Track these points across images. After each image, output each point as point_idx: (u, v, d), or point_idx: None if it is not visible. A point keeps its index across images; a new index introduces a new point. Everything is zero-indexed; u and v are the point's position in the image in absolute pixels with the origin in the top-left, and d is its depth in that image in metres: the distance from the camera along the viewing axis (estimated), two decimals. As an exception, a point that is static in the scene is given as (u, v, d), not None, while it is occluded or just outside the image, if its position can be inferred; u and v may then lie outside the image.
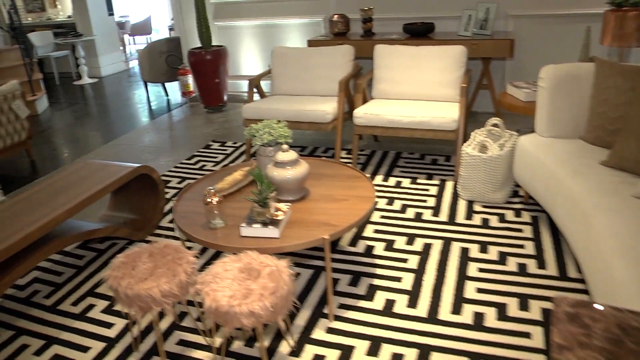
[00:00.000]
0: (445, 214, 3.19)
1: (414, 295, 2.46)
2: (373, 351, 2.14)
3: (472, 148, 3.27)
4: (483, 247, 2.81)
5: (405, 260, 2.75)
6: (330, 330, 2.28)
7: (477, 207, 3.23)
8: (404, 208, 3.29)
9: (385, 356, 2.10)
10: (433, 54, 3.95)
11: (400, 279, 2.59)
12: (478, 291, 2.45)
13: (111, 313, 2.55)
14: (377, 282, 2.58)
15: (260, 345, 1.93)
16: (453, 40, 4.46)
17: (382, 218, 3.20)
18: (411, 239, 2.94)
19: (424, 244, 2.88)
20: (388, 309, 2.38)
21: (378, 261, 2.76)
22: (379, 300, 2.45)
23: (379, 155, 4.20)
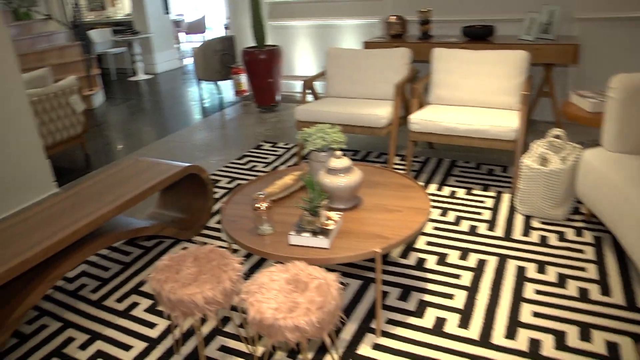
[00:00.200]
0: (501, 229, 3.03)
1: (466, 314, 2.33)
2: (422, 373, 2.03)
3: (532, 160, 3.10)
4: (541, 267, 2.64)
5: (458, 276, 2.61)
6: (376, 346, 2.18)
7: (535, 223, 3.06)
8: (458, 220, 3.15)
9: (434, 379, 1.99)
10: (493, 59, 3.79)
11: (452, 296, 2.46)
12: (534, 315, 2.29)
13: (154, 313, 2.53)
14: (428, 298, 2.46)
15: (303, 359, 1.85)
16: (514, 44, 4.27)
17: (435, 230, 3.07)
18: (465, 254, 2.80)
19: (478, 260, 2.73)
20: (438, 328, 2.26)
21: (429, 275, 2.63)
22: (429, 317, 2.33)
23: (434, 162, 4.06)
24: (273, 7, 6.09)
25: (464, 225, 3.10)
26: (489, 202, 3.35)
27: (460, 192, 3.51)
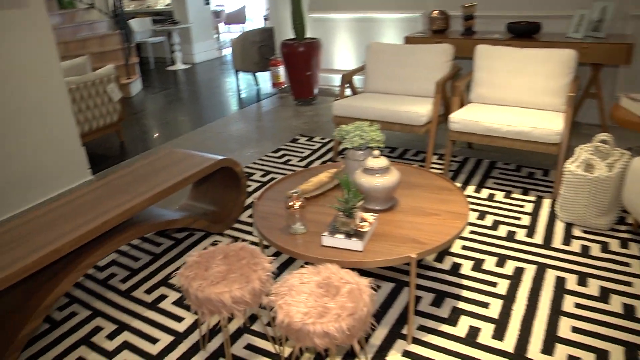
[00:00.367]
0: (540, 236, 2.91)
1: (502, 325, 2.24)
2: (453, 385, 1.95)
3: (577, 166, 2.96)
4: (582, 279, 2.52)
5: (494, 284, 2.51)
6: (406, 353, 2.11)
7: (577, 232, 2.93)
8: (496, 225, 3.04)
9: (467, 392, 1.91)
10: (538, 57, 3.63)
11: (487, 305, 2.37)
12: (574, 330, 2.18)
13: (182, 306, 2.51)
14: (462, 306, 2.37)
15: (332, 365, 1.80)
16: (561, 42, 4.10)
17: (472, 233, 2.97)
18: (502, 261, 2.70)
19: (516, 268, 2.63)
20: (472, 338, 2.17)
21: (464, 282, 2.54)
22: (463, 326, 2.25)
23: (472, 163, 3.94)
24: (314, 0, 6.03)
25: (502, 230, 2.99)
26: (529, 207, 3.22)
27: (498, 195, 3.39)
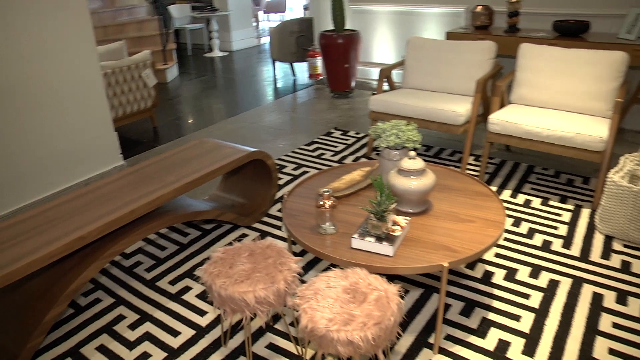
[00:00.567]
0: (577, 248, 2.78)
1: (533, 341, 2.14)
2: (480, 401, 1.88)
3: (621, 176, 2.82)
4: (621, 297, 2.39)
5: (527, 295, 2.41)
6: (432, 364, 2.04)
7: (617, 246, 2.79)
8: (531, 233, 2.93)
9: (494, 410, 1.84)
10: (586, 59, 3.47)
11: (519, 318, 2.27)
12: (610, 352, 2.07)
13: (205, 300, 2.49)
14: (492, 317, 2.28)
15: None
16: (611, 43, 3.91)
17: (506, 241, 2.86)
18: (536, 272, 2.59)
19: (550, 280, 2.52)
20: (501, 352, 2.09)
21: (496, 292, 2.45)
22: (492, 338, 2.16)
23: (509, 166, 3.81)
24: (354, -9, 5.93)
25: (537, 239, 2.87)
26: (566, 216, 3.09)
27: (535, 202, 3.27)
